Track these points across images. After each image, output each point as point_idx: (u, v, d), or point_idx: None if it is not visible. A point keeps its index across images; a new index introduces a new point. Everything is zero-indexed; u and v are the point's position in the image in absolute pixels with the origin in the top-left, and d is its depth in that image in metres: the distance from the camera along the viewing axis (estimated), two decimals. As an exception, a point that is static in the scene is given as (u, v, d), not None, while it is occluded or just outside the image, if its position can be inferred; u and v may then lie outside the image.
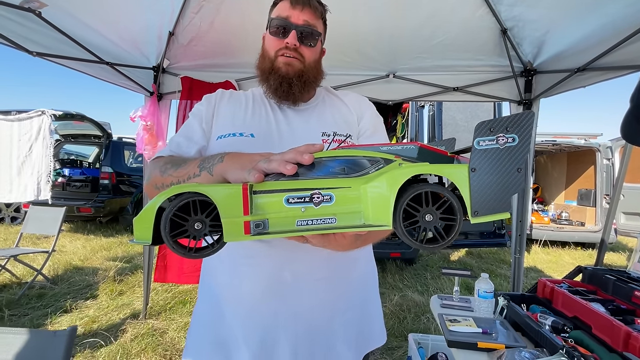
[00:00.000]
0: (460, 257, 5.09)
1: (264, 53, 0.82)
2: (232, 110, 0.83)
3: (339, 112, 0.86)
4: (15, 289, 3.32)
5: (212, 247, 0.43)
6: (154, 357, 2.24)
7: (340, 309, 0.78)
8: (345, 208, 0.40)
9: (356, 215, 0.40)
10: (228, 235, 0.38)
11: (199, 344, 0.78)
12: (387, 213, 0.38)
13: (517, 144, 0.37)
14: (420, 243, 0.38)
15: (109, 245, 5.06)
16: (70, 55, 1.90)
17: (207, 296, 0.82)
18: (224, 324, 0.76)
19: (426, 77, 2.35)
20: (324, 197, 0.40)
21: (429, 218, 0.38)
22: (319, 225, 0.39)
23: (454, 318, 1.36)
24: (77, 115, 5.46)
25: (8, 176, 4.84)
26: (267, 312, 0.73)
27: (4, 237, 5.18)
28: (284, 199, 0.40)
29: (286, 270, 0.72)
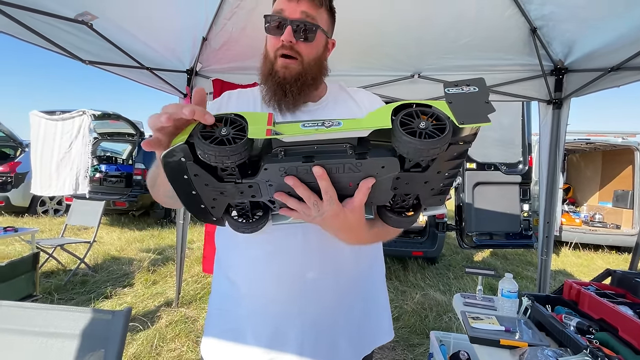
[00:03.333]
0: (484, 258, 5.01)
1: (265, 54, 0.79)
2: (240, 109, 0.80)
3: (349, 110, 0.84)
4: (61, 275, 3.62)
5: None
6: (187, 342, 2.40)
7: (345, 304, 0.80)
8: (351, 127, 0.46)
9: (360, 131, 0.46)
10: (252, 133, 0.44)
11: (214, 332, 0.82)
12: (386, 118, 0.44)
13: (478, 91, 0.45)
14: (421, 139, 0.42)
15: (142, 237, 5.36)
16: (116, 62, 2.06)
17: (221, 288, 0.85)
18: (236, 317, 0.79)
19: (452, 77, 2.35)
20: (334, 122, 0.46)
21: (422, 125, 0.43)
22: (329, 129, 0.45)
23: (477, 316, 1.39)
24: (113, 114, 5.80)
25: (48, 171, 5.22)
26: (279, 308, 0.76)
27: (49, 228, 5.61)
28: (301, 124, 0.46)
29: (299, 273, 0.75)
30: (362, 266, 0.84)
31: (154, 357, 2.22)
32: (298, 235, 0.74)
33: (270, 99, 0.78)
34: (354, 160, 0.46)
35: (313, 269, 0.76)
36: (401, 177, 0.48)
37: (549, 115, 2.23)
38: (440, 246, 3.94)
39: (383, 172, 0.47)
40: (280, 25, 0.73)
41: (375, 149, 0.46)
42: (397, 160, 0.46)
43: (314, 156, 0.47)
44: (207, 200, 0.52)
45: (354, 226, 0.58)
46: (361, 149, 0.46)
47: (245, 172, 0.48)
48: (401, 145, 0.43)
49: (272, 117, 0.47)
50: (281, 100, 0.77)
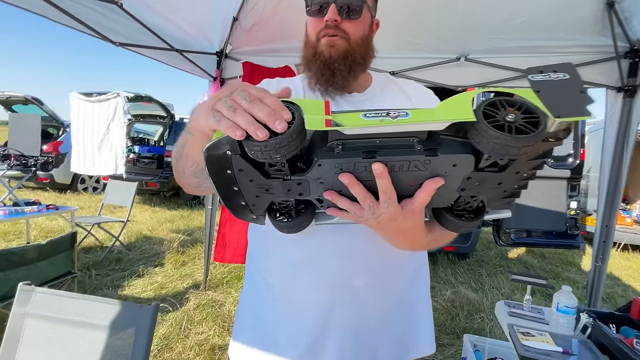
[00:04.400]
0: (520, 255, 4.72)
1: (307, 39, 0.75)
2: None
3: (399, 103, 0.77)
4: (98, 252, 3.80)
5: None
6: (214, 327, 2.44)
7: (389, 314, 0.74)
8: (422, 118, 0.39)
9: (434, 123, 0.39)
10: (310, 123, 0.39)
11: (245, 336, 0.77)
12: (467, 108, 0.37)
13: (570, 78, 0.39)
14: (512, 135, 0.35)
15: (172, 217, 5.54)
16: (146, 44, 2.01)
17: (254, 289, 0.80)
18: (270, 322, 0.74)
19: (503, 60, 2.10)
20: (400, 113, 0.40)
21: (511, 117, 0.36)
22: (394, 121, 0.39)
23: (527, 331, 1.25)
24: (145, 96, 5.92)
25: (91, 152, 5.47)
26: (319, 316, 0.70)
27: (88, 205, 5.93)
28: (362, 114, 0.40)
29: (343, 279, 0.69)
30: (408, 273, 0.77)
31: (182, 339, 2.27)
32: (343, 237, 0.67)
33: (317, 81, 0.72)
34: (422, 157, 0.40)
35: (358, 274, 0.69)
36: (472, 177, 0.42)
37: (618, 104, 1.94)
38: (475, 242, 3.74)
39: (454, 171, 0.42)
40: (323, 7, 0.69)
41: (447, 144, 0.40)
42: (473, 158, 0.40)
43: (376, 151, 0.41)
44: (249, 197, 0.48)
45: (411, 230, 0.53)
46: (431, 143, 0.40)
47: (295, 168, 0.44)
48: (485, 141, 0.37)
49: (329, 105, 0.42)
50: (329, 80, 0.70)
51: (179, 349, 2.17)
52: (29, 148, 3.78)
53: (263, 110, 0.39)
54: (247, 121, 0.39)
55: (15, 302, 1.10)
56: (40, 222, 4.52)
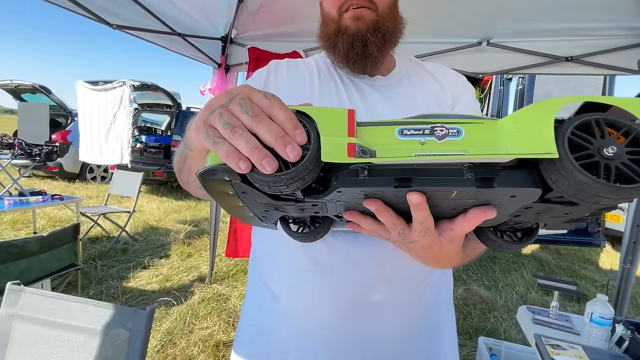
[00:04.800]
0: (534, 252, 4.57)
1: (325, 17, 0.67)
2: (293, 85, 0.67)
3: (430, 90, 0.67)
4: (105, 242, 3.79)
5: None
6: (219, 322, 2.38)
7: (413, 333, 0.65)
8: (479, 143, 0.31)
9: (495, 148, 0.30)
10: (327, 154, 0.31)
11: (249, 351, 0.69)
12: (547, 137, 0.28)
13: None
14: (610, 183, 0.25)
15: (179, 208, 5.51)
16: (146, 27, 1.90)
17: (257, 299, 0.71)
18: (277, 339, 0.65)
19: (530, 44, 1.94)
20: (450, 131, 0.31)
21: (610, 151, 0.27)
22: (444, 157, 0.31)
23: (557, 344, 1.14)
24: (152, 85, 5.84)
25: (97, 141, 5.44)
26: (333, 335, 0.60)
27: (96, 194, 5.94)
28: (397, 130, 0.32)
29: (363, 294, 0.59)
30: (434, 283, 0.67)
31: (186, 335, 2.22)
32: (364, 244, 0.58)
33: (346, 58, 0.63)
34: (472, 188, 0.31)
35: (380, 288, 0.59)
36: (533, 207, 0.34)
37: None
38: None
39: (510, 201, 0.33)
40: None
41: (508, 173, 0.31)
42: (540, 191, 0.31)
43: (412, 178, 0.32)
44: (257, 212, 0.43)
45: (446, 256, 0.46)
46: (486, 171, 0.31)
47: (310, 189, 0.36)
48: (566, 184, 0.28)
49: (353, 118, 0.33)
50: (360, 54, 0.61)
51: (182, 344, 2.12)
52: (38, 137, 3.75)
53: (271, 131, 0.30)
54: (249, 147, 0.30)
55: (3, 303, 1.03)
56: (48, 211, 4.53)
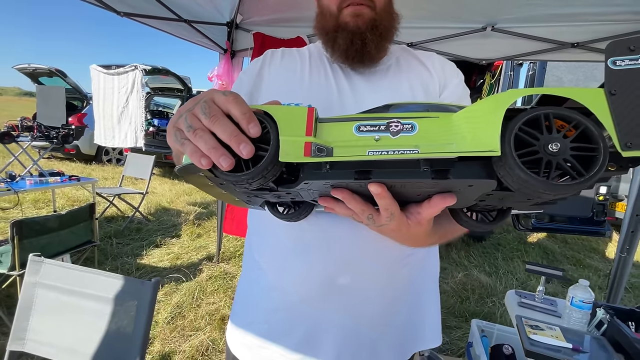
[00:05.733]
0: (539, 240, 4.55)
1: (323, 10, 0.68)
2: (285, 74, 0.70)
3: (417, 77, 0.69)
4: (120, 221, 3.97)
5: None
6: (225, 298, 2.52)
7: (391, 310, 0.69)
8: (432, 138, 0.32)
9: (446, 145, 0.32)
10: (285, 154, 0.33)
11: (240, 320, 0.75)
12: (493, 134, 0.29)
13: None
14: (547, 180, 0.27)
15: (189, 190, 5.68)
16: (153, 14, 1.94)
17: (250, 274, 0.77)
18: (264, 309, 0.71)
19: (536, 29, 1.90)
20: (404, 126, 0.33)
21: (554, 148, 0.27)
22: (396, 155, 0.32)
23: (536, 324, 1.19)
24: (163, 69, 5.91)
25: (111, 124, 5.60)
26: (314, 309, 0.66)
27: (112, 176, 6.16)
28: (354, 127, 0.34)
29: (342, 271, 0.64)
30: (416, 262, 0.71)
31: (194, 308, 2.37)
32: (346, 225, 0.62)
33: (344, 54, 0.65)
34: (429, 180, 0.33)
35: (359, 265, 0.64)
36: (494, 194, 0.35)
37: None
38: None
39: (470, 190, 0.35)
40: None
41: (463, 165, 0.33)
42: (495, 182, 0.32)
43: (372, 171, 0.35)
44: (240, 198, 0.46)
45: (417, 237, 0.49)
46: (441, 163, 0.33)
47: (281, 179, 0.39)
48: (510, 179, 0.29)
49: (312, 116, 0.36)
50: (359, 51, 0.64)
51: (191, 317, 2.27)
52: (55, 119, 3.90)
53: (225, 130, 0.34)
54: (208, 147, 0.34)
55: (27, 272, 1.14)
56: (67, 191, 4.75)
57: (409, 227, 0.44)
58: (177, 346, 2.01)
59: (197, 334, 2.11)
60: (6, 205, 3.57)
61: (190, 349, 1.97)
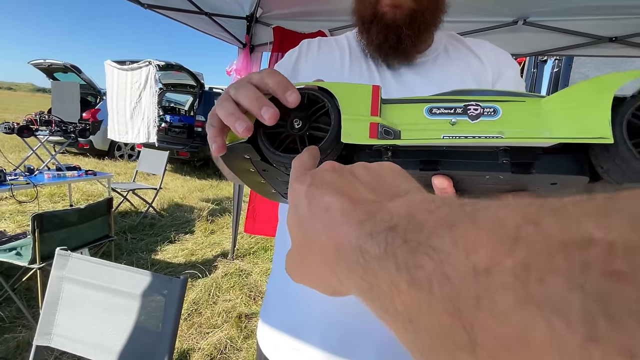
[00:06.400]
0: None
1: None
2: (323, 64, 0.66)
3: (468, 67, 0.64)
4: (133, 216, 3.99)
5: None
6: (241, 295, 2.50)
7: None
8: (519, 124, 0.28)
9: (538, 132, 0.27)
10: (347, 135, 0.30)
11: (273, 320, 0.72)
12: (602, 119, 0.25)
13: None
14: None
15: (202, 186, 5.69)
16: (175, 7, 1.92)
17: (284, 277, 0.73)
18: (299, 308, 0.67)
19: (570, 23, 1.82)
20: (485, 110, 0.28)
21: None
22: (477, 140, 0.28)
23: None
24: (176, 65, 5.92)
25: (124, 120, 5.63)
26: (353, 313, 0.62)
27: (124, 171, 6.21)
28: (425, 109, 0.30)
29: None
30: None
31: (210, 306, 2.35)
32: None
33: (378, 48, 0.60)
34: (507, 174, 0.29)
35: None
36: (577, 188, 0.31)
37: None
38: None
39: (551, 187, 0.31)
40: None
41: (550, 158, 0.29)
42: (587, 179, 0.28)
43: (440, 160, 0.31)
44: (280, 188, 0.42)
45: None
46: (523, 155, 0.29)
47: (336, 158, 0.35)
48: (621, 173, 0.26)
49: (378, 94, 0.31)
50: (394, 47, 0.58)
51: (207, 314, 2.25)
52: (70, 115, 3.93)
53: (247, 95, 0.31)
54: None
55: (53, 266, 1.13)
56: (82, 186, 4.79)
57: None
58: (195, 343, 1.99)
59: (214, 331, 2.09)
60: (23, 198, 3.60)
61: (208, 346, 1.95)
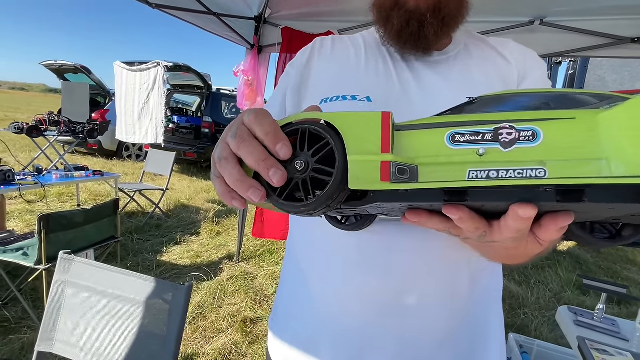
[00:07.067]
0: (570, 249, 4.33)
1: None
2: (337, 63, 0.62)
3: (492, 66, 0.59)
4: (140, 217, 3.99)
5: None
6: (246, 299, 2.46)
7: (454, 334, 0.61)
8: (566, 152, 0.22)
9: (591, 162, 0.22)
10: (355, 180, 0.26)
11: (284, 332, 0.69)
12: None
13: None
14: None
15: (208, 187, 5.69)
16: (183, 7, 1.90)
17: (293, 281, 0.69)
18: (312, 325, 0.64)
19: (590, 23, 1.75)
20: (522, 134, 0.23)
21: None
22: (511, 180, 0.23)
23: (604, 349, 1.07)
24: (184, 66, 5.94)
25: (132, 120, 5.66)
26: (367, 327, 0.58)
27: (132, 172, 6.24)
28: (447, 136, 0.25)
29: (404, 287, 0.55)
30: (481, 281, 0.61)
31: (215, 309, 2.32)
32: (413, 233, 0.53)
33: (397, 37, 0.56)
34: (552, 203, 0.23)
35: (424, 283, 0.55)
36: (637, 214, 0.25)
37: None
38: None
39: (607, 212, 0.25)
40: None
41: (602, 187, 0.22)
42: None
43: (468, 191, 0.25)
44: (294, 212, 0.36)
45: (526, 256, 0.40)
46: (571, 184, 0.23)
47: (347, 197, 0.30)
48: None
49: (389, 123, 0.27)
50: (416, 35, 0.54)
51: (212, 318, 2.22)
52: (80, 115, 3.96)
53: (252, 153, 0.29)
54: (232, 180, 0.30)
55: (56, 270, 1.10)
56: (90, 185, 4.82)
57: (525, 246, 0.34)
58: (200, 348, 1.95)
59: (219, 336, 2.06)
60: (32, 198, 3.62)
61: (213, 351, 1.92)
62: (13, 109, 19.28)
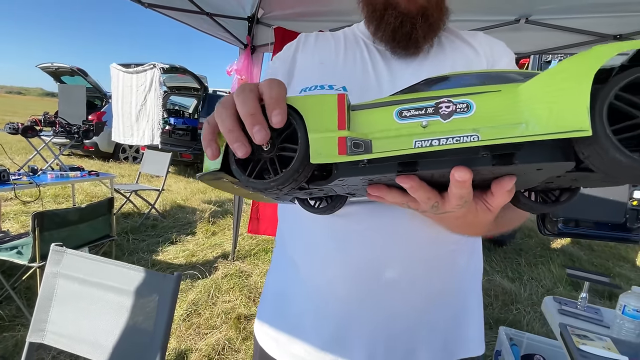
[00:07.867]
0: (564, 246, 4.37)
1: None
2: (319, 55, 0.66)
3: (463, 58, 0.63)
4: (136, 217, 4.00)
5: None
6: (241, 296, 2.48)
7: (431, 311, 0.63)
8: (495, 119, 0.26)
9: (514, 127, 0.25)
10: (316, 154, 0.29)
11: (269, 314, 0.72)
12: (580, 109, 0.22)
13: None
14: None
15: (204, 188, 5.70)
16: (176, 6, 1.93)
17: (281, 266, 0.73)
18: (295, 302, 0.67)
19: (575, 21, 1.79)
20: (457, 106, 0.27)
21: None
22: (450, 144, 0.26)
23: (584, 334, 1.10)
24: (180, 68, 5.97)
25: (129, 122, 5.68)
26: (347, 307, 0.61)
27: (128, 173, 6.24)
28: (395, 112, 0.29)
29: (381, 266, 0.59)
30: (459, 263, 0.64)
31: (210, 306, 2.33)
32: (385, 217, 0.56)
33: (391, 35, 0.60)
34: (488, 167, 0.28)
35: (400, 263, 0.58)
36: (567, 175, 0.29)
37: None
38: (515, 229, 3.48)
39: (536, 173, 0.29)
40: None
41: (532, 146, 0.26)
42: (572, 164, 0.26)
43: (418, 162, 0.29)
44: (269, 197, 0.42)
45: (480, 224, 0.43)
46: (505, 147, 0.27)
47: (313, 177, 0.34)
48: (600, 162, 0.24)
49: (344, 103, 0.30)
50: (407, 35, 0.59)
51: (206, 315, 2.23)
52: (76, 117, 3.99)
53: (245, 104, 0.30)
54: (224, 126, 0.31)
55: (48, 262, 1.12)
56: (86, 187, 4.83)
57: (476, 213, 0.38)
58: (193, 344, 1.97)
59: (213, 332, 2.07)
60: (28, 199, 3.63)
61: (206, 347, 1.93)
62: (10, 113, 19.24)
